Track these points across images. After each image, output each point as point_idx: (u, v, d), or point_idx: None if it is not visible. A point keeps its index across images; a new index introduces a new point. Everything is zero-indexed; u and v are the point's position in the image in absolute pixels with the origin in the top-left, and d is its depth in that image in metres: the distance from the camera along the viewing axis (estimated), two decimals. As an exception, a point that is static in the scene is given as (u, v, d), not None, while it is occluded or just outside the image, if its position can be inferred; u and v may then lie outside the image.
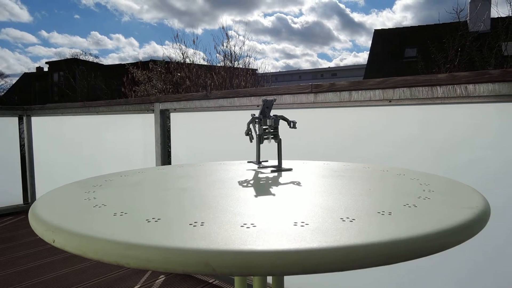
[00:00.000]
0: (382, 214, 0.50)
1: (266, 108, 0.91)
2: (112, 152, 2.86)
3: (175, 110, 2.35)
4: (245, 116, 2.02)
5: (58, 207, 0.58)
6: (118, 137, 2.82)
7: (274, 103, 0.93)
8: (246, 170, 0.93)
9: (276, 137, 0.94)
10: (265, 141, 0.92)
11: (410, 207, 0.54)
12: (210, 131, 2.19)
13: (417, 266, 1.42)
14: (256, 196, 0.64)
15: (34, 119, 3.77)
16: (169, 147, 2.40)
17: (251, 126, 0.91)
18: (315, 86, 1.71)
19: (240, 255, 0.37)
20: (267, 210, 0.55)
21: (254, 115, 0.92)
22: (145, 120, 2.51)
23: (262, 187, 0.71)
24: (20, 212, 3.59)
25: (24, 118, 3.79)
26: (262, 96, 1.91)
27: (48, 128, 3.64)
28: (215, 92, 2.14)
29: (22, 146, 3.79)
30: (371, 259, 0.39)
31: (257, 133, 0.91)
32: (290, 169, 0.93)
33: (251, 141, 0.91)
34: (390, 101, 1.51)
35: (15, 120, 3.73)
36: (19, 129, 3.77)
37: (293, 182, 0.75)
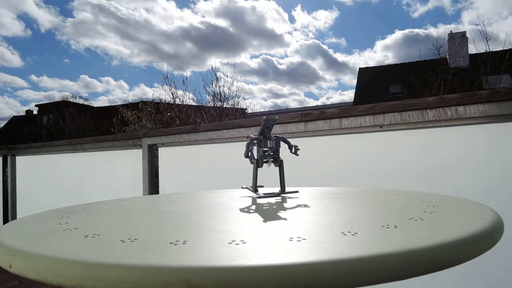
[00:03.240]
0: (387, 227, 0.45)
1: (266, 128, 0.81)
2: (100, 189, 2.76)
3: (163, 145, 2.30)
4: (234, 148, 1.99)
5: (22, 232, 0.52)
6: (106, 173, 2.74)
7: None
8: (239, 197, 0.87)
9: (277, 160, 0.83)
10: (264, 165, 0.83)
11: (417, 220, 0.49)
12: (200, 164, 2.14)
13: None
14: (247, 215, 0.58)
15: (19, 159, 3.67)
16: (158, 182, 2.32)
17: (250, 147, 0.81)
18: (304, 114, 1.69)
19: (227, 272, 0.32)
20: (259, 228, 0.49)
21: (250, 136, 0.83)
22: (133, 155, 2.45)
23: (253, 208, 0.65)
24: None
25: (9, 157, 3.68)
26: (251, 127, 1.89)
27: (34, 167, 3.54)
28: (204, 125, 2.10)
29: (5, 184, 3.66)
30: (379, 273, 0.33)
31: (255, 157, 0.80)
32: (296, 191, 0.85)
33: (251, 163, 0.82)
34: (381, 127, 1.49)
35: (-1, 160, 3.62)
36: (3, 168, 3.66)
37: (286, 203, 0.70)
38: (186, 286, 0.31)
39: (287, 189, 0.84)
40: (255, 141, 0.80)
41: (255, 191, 0.83)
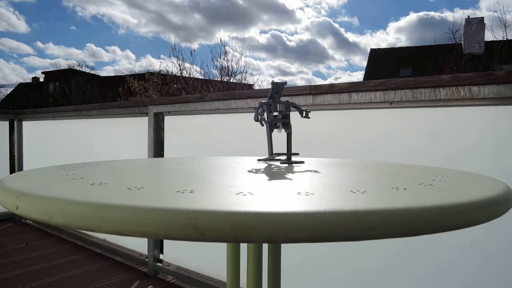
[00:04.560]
0: (397, 189, 0.44)
1: (275, 93, 0.79)
2: (104, 156, 2.78)
3: (169, 113, 2.30)
4: (241, 118, 1.97)
5: (29, 180, 0.52)
6: (111, 140, 2.75)
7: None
8: (247, 161, 0.87)
9: (287, 126, 0.80)
10: (274, 131, 0.79)
11: (427, 186, 0.48)
12: (206, 134, 2.13)
13: (428, 268, 1.35)
14: (254, 174, 0.57)
15: (25, 124, 3.69)
16: (163, 150, 2.33)
17: (259, 111, 0.79)
18: (314, 87, 1.66)
19: (234, 215, 0.31)
20: (267, 184, 0.48)
21: (260, 101, 0.80)
22: (139, 123, 2.45)
23: (261, 169, 0.65)
24: (7, 220, 3.46)
25: (15, 122, 3.70)
26: (258, 98, 1.87)
27: (40, 133, 3.56)
28: (211, 94, 2.09)
29: (11, 148, 3.70)
30: (390, 226, 0.32)
31: (267, 120, 0.77)
32: (302, 162, 0.83)
33: (262, 125, 0.79)
34: (391, 103, 1.46)
35: (5, 124, 3.64)
36: (10, 133, 3.68)
37: (294, 165, 0.69)
38: (192, 228, 0.31)
39: (293, 159, 0.83)
40: (265, 106, 0.78)
41: (271, 157, 0.79)
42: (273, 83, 0.77)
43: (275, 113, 0.79)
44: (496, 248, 1.22)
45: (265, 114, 0.79)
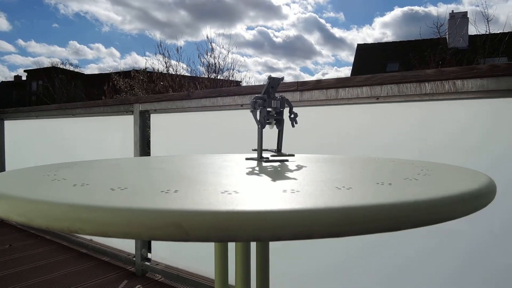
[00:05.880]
0: (382, 184, 0.45)
1: (271, 88, 0.77)
2: (89, 155, 2.74)
3: (155, 111, 2.28)
4: (229, 116, 1.97)
5: (8, 180, 0.51)
6: (96, 140, 2.71)
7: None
8: (232, 159, 0.87)
9: (280, 123, 0.79)
10: (266, 126, 0.78)
11: (411, 180, 0.49)
12: (193, 132, 2.12)
13: (406, 258, 1.37)
14: (240, 172, 0.57)
15: (7, 123, 3.62)
16: (149, 149, 2.31)
17: (255, 106, 0.76)
18: (301, 83, 1.67)
19: (220, 215, 0.31)
20: (252, 182, 0.48)
21: (256, 95, 0.77)
22: (124, 121, 2.42)
23: (246, 166, 0.65)
24: (-12, 221, 3.39)
25: (-4, 121, 3.63)
26: (245, 95, 1.86)
27: (22, 132, 3.49)
28: (198, 92, 2.07)
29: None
30: (374, 222, 0.33)
31: (258, 119, 0.75)
32: (292, 155, 0.83)
33: (257, 120, 0.76)
34: (377, 98, 1.48)
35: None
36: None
37: (280, 163, 0.70)
38: (175, 229, 0.31)
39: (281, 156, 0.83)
40: (260, 100, 0.76)
41: (261, 157, 0.77)
42: (269, 77, 0.76)
43: (269, 109, 0.78)
44: (475, 238, 1.25)
45: (258, 113, 0.77)
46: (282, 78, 0.78)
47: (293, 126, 0.81)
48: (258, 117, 0.76)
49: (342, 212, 0.32)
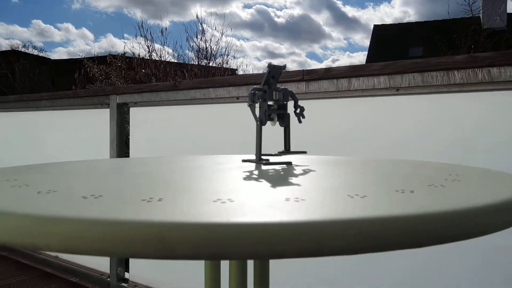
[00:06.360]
0: (402, 192, 0.45)
1: (271, 77, 0.76)
2: (56, 156, 2.74)
3: (136, 104, 2.28)
4: (223, 110, 1.97)
5: (-38, 187, 0.51)
6: (65, 137, 2.71)
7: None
8: (226, 161, 0.87)
9: (284, 118, 0.79)
10: (268, 123, 0.77)
11: (437, 187, 0.49)
12: (180, 129, 2.12)
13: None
14: (236, 176, 0.58)
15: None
16: (128, 148, 2.31)
17: (254, 99, 0.76)
18: (307, 72, 1.67)
19: (212, 228, 0.31)
20: (250, 188, 0.49)
21: (255, 87, 0.76)
22: (99, 116, 2.42)
23: (244, 169, 0.65)
24: None
25: None
26: (242, 86, 1.87)
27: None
28: (186, 82, 2.08)
29: None
30: (394, 237, 0.33)
31: (258, 114, 0.74)
32: (304, 152, 0.84)
33: (257, 121, 0.76)
34: (397, 90, 1.48)
35: None
36: None
37: (285, 164, 0.70)
38: (158, 243, 0.31)
39: (283, 158, 0.83)
40: (260, 92, 0.75)
41: (260, 159, 0.76)
42: (270, 65, 0.75)
43: (270, 102, 0.77)
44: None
45: (257, 107, 0.76)
46: (285, 66, 0.78)
47: (299, 121, 0.81)
48: (257, 112, 0.76)
49: (355, 226, 0.32)
